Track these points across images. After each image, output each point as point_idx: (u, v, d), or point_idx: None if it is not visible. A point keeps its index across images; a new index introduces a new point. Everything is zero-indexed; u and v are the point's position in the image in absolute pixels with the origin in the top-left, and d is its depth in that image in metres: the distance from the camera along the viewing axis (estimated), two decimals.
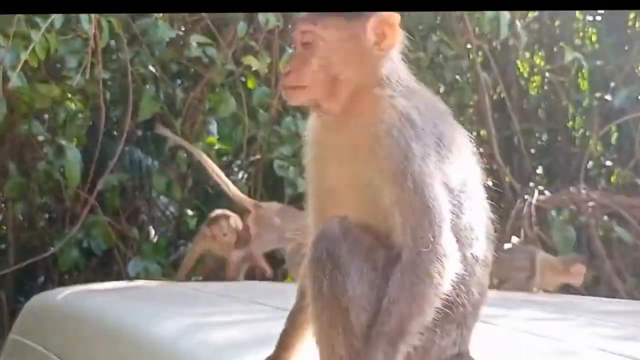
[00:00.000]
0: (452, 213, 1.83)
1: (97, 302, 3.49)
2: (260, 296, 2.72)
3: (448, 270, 1.78)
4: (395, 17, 1.93)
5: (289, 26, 5.60)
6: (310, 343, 1.88)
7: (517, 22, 6.44)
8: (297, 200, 4.67)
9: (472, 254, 1.87)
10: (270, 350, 1.99)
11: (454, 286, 1.81)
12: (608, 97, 7.53)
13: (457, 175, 1.87)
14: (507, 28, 6.14)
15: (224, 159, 7.54)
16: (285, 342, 1.98)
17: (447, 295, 1.80)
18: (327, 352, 1.79)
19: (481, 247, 1.90)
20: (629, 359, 2.20)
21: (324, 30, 1.90)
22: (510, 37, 6.51)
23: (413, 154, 1.80)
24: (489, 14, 5.89)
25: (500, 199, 7.86)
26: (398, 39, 1.95)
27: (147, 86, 5.70)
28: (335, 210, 1.88)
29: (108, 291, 3.86)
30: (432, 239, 1.77)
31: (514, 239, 6.36)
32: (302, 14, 1.96)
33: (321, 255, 1.77)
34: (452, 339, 1.86)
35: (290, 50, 5.62)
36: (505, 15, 6.04)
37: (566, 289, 6.40)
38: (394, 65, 1.95)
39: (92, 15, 5.03)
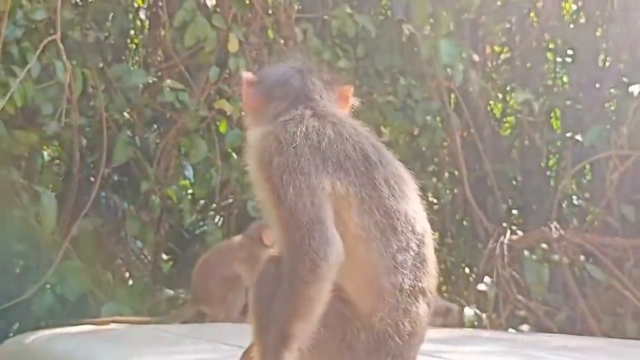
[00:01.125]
0: (363, 242, 1.91)
1: (66, 344, 3.55)
2: (227, 336, 2.78)
3: (321, 267, 1.81)
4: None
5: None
6: None
7: (472, 70, 6.55)
8: None
9: (392, 283, 1.92)
10: None
11: (378, 318, 1.88)
12: (579, 137, 7.61)
13: (356, 193, 1.97)
14: (462, 74, 6.24)
15: (201, 202, 7.62)
16: None
17: (372, 327, 1.88)
18: None
19: (405, 276, 1.93)
20: None
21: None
22: (467, 83, 6.61)
23: (273, 167, 1.94)
24: (445, 60, 6.02)
25: (475, 239, 7.97)
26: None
27: (122, 132, 5.75)
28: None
29: (78, 334, 3.90)
30: (299, 241, 1.84)
31: (487, 279, 6.42)
32: None
33: (261, 295, 1.88)
34: None
35: None
36: (459, 64, 6.17)
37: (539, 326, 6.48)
38: (267, 105, 2.21)
39: (67, 64, 5.11)
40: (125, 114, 5.87)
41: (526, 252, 6.56)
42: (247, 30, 5.89)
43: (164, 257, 7.42)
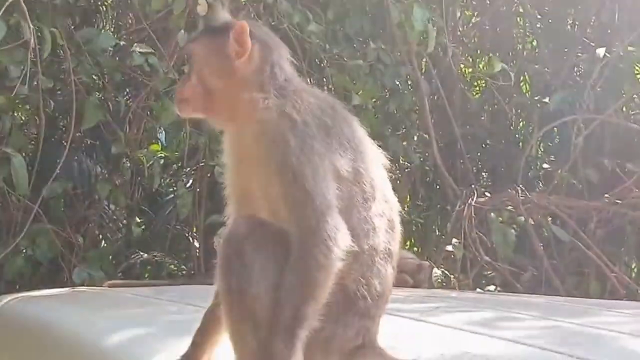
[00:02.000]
0: (343, 204, 1.93)
1: (35, 307, 3.59)
2: (192, 298, 2.84)
3: (335, 252, 1.87)
4: (243, 25, 2.05)
5: None
6: (223, 339, 2.01)
7: (445, 34, 6.59)
8: None
9: (369, 244, 1.98)
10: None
11: (352, 278, 1.93)
12: (546, 100, 7.71)
13: (348, 166, 1.98)
14: (434, 40, 6.28)
15: (174, 166, 7.65)
16: (198, 339, 2.08)
17: (345, 288, 1.92)
18: (240, 345, 1.90)
19: (380, 239, 2.00)
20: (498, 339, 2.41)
21: (197, 47, 2.09)
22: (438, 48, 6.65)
23: (290, 147, 1.92)
24: (418, 26, 6.04)
25: (444, 201, 8.09)
26: (249, 44, 2.05)
27: (92, 95, 5.74)
28: (247, 211, 2.02)
29: (47, 297, 3.95)
30: (314, 224, 1.87)
31: (454, 241, 6.53)
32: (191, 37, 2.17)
33: (229, 254, 1.88)
34: (355, 330, 1.96)
35: None
36: (432, 29, 6.20)
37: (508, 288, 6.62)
38: (268, 69, 2.07)
39: (35, 25, 5.07)
40: (94, 77, 5.84)
41: (492, 215, 6.65)
42: None
43: (137, 220, 7.46)
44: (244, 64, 2.04)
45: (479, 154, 9.20)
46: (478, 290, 6.45)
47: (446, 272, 6.51)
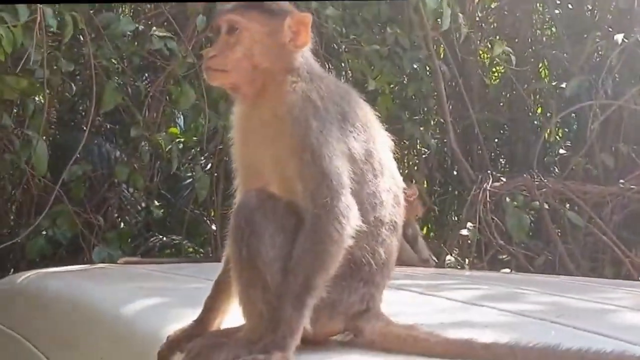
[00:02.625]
0: (354, 181, 2.04)
1: (57, 282, 3.71)
2: (212, 273, 2.96)
3: (347, 229, 1.98)
4: (307, 17, 2.16)
5: None
6: (233, 304, 2.11)
7: (460, 15, 6.60)
8: None
9: (375, 217, 2.08)
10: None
11: (358, 246, 2.03)
12: (563, 86, 7.71)
13: (361, 147, 2.09)
14: (449, 19, 6.29)
15: (192, 151, 7.75)
16: (209, 305, 2.19)
17: (352, 255, 2.02)
18: (249, 309, 2.00)
19: (386, 211, 2.11)
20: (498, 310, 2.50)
21: (249, 23, 2.12)
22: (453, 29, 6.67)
23: (312, 129, 2.02)
24: (431, 3, 6.06)
25: (460, 186, 8.13)
26: (309, 37, 2.16)
27: (111, 79, 5.83)
28: (257, 184, 2.11)
29: (68, 272, 4.07)
30: (329, 202, 1.97)
31: (469, 225, 6.58)
32: (229, 4, 2.16)
33: (240, 223, 1.99)
34: (360, 295, 2.06)
35: None
36: (447, 8, 6.22)
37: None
38: (303, 56, 2.17)
39: (56, 9, 5.15)
40: (113, 61, 5.92)
41: (507, 199, 6.68)
42: None
43: (156, 203, 7.57)
44: (293, 51, 2.15)
45: (496, 139, 9.24)
46: None
47: (458, 257, 6.59)
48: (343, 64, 6.88)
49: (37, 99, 6.16)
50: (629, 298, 3.03)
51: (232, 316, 2.15)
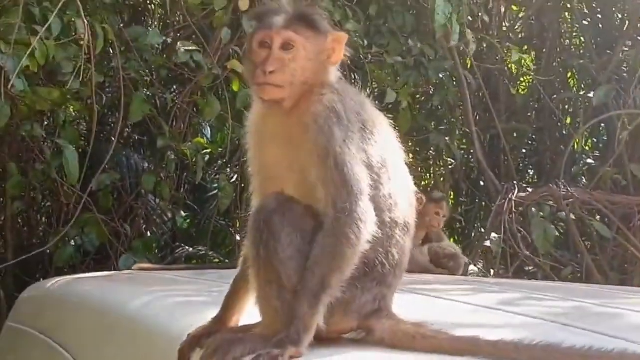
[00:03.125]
0: (371, 186, 2.13)
1: (86, 286, 3.82)
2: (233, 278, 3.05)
3: (364, 233, 2.07)
4: (344, 36, 2.28)
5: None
6: (250, 304, 2.21)
7: (467, 30, 6.63)
8: None
9: (390, 217, 2.17)
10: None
11: (373, 248, 2.10)
12: (591, 95, 7.68)
13: (378, 154, 2.19)
14: (458, 34, 6.31)
15: (219, 162, 7.84)
16: (227, 303, 2.30)
17: (366, 256, 2.10)
18: (265, 305, 2.10)
19: (400, 213, 2.20)
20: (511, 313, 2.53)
21: (306, 42, 2.21)
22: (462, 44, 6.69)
23: (335, 138, 2.11)
24: (440, 19, 6.09)
25: (487, 197, 8.11)
26: (342, 54, 2.27)
27: (139, 90, 5.93)
28: (274, 188, 2.18)
29: (95, 278, 4.18)
30: (349, 207, 2.06)
31: (493, 236, 6.56)
32: (279, 19, 2.22)
33: (259, 224, 2.08)
34: (372, 295, 2.14)
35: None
36: (456, 24, 6.24)
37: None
38: (332, 71, 2.27)
39: (86, 22, 5.27)
40: (142, 73, 6.01)
41: (533, 210, 6.65)
42: None
43: (183, 214, 7.65)
44: (328, 66, 2.25)
45: (524, 150, 9.22)
46: None
47: (483, 268, 6.56)
48: (366, 76, 6.91)
49: (68, 109, 6.26)
50: (635, 301, 3.03)
51: (250, 314, 2.24)
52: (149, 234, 6.92)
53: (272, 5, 2.27)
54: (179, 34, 6.85)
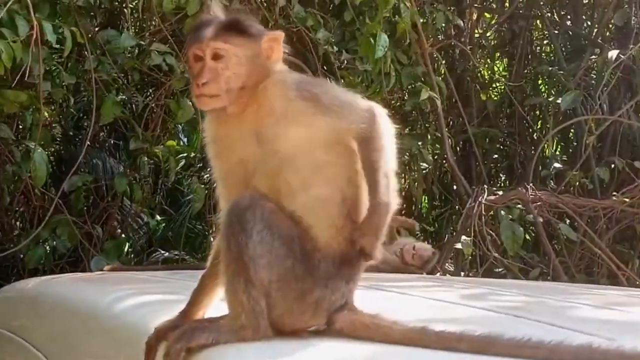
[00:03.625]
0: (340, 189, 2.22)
1: (57, 287, 3.86)
2: None
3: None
4: (280, 35, 2.35)
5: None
6: (216, 301, 2.28)
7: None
8: None
9: (353, 220, 2.22)
10: None
11: (341, 246, 2.18)
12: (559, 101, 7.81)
13: None
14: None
15: (195, 165, 7.86)
16: (194, 298, 2.34)
17: (337, 253, 2.17)
18: (232, 298, 2.14)
19: (361, 213, 2.23)
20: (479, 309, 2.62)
21: (235, 49, 2.26)
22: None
23: (313, 92, 2.21)
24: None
25: (457, 199, 8.22)
26: (282, 52, 2.35)
27: (110, 93, 5.96)
28: (242, 190, 2.22)
29: (67, 279, 4.23)
30: (371, 123, 2.20)
31: (464, 238, 6.65)
32: (207, 31, 2.27)
33: (232, 220, 2.13)
34: (341, 292, 2.20)
35: None
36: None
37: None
38: (278, 67, 2.35)
39: (57, 24, 5.28)
40: (115, 75, 6.03)
41: (502, 212, 6.76)
42: None
43: (158, 218, 7.69)
44: (270, 65, 2.31)
45: (495, 155, 9.35)
46: None
47: (454, 269, 6.65)
48: (342, 81, 6.97)
49: (36, 111, 6.25)
50: (595, 297, 3.13)
51: (217, 308, 2.28)
52: (122, 236, 6.95)
53: (207, 18, 2.33)
54: (154, 38, 6.88)
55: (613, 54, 7.33)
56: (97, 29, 6.55)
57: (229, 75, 2.24)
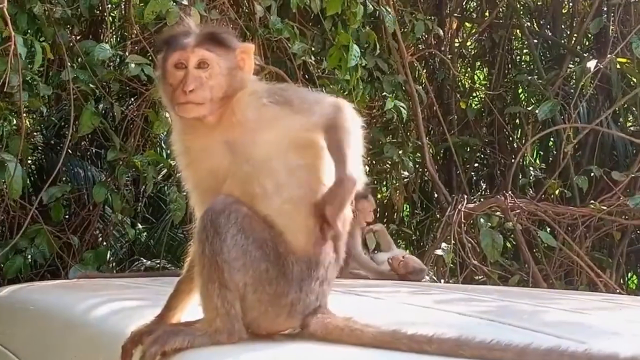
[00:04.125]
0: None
1: (34, 295, 3.86)
2: None
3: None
4: (251, 47, 2.40)
5: None
6: (193, 305, 2.29)
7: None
8: None
9: None
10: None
11: (314, 249, 2.21)
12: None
13: None
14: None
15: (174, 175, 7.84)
16: (170, 302, 2.36)
17: (309, 257, 2.20)
18: (206, 302, 2.16)
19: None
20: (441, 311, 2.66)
21: (218, 59, 2.30)
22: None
23: (283, 95, 2.27)
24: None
25: (438, 207, 8.26)
26: (253, 63, 2.39)
27: (89, 103, 5.96)
28: (215, 196, 2.24)
29: (45, 286, 4.21)
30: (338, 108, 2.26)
31: (444, 245, 6.68)
32: (189, 39, 2.29)
33: (206, 224, 2.14)
34: (315, 295, 2.22)
35: None
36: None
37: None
38: (254, 76, 2.40)
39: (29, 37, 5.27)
40: (92, 85, 6.01)
41: (482, 220, 6.80)
42: (211, 6, 6.12)
43: (140, 226, 7.66)
44: (244, 75, 2.35)
45: (476, 163, 9.42)
46: None
47: (434, 277, 6.67)
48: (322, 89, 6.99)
49: (11, 121, 6.23)
50: (568, 302, 3.16)
51: (191, 312, 2.30)
52: (104, 244, 6.94)
53: (180, 28, 2.35)
54: (135, 47, 6.88)
55: (592, 63, 7.39)
56: (78, 38, 6.54)
57: (212, 84, 2.27)
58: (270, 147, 2.22)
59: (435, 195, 8.75)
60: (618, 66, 7.71)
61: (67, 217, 6.80)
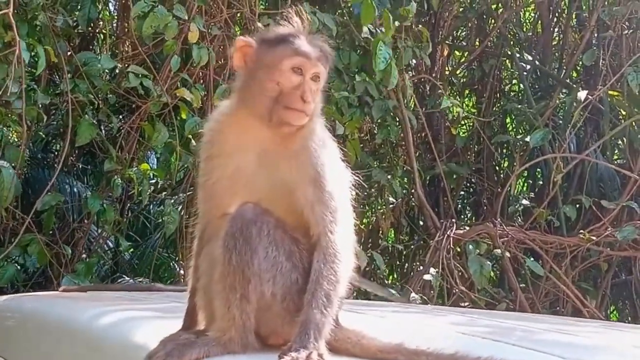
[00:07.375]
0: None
1: (27, 304, 3.84)
2: (179, 297, 3.14)
3: (352, 253, 2.26)
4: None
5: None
6: None
7: (405, 74, 6.86)
8: None
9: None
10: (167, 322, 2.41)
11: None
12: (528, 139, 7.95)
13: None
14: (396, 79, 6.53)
15: (165, 191, 7.87)
16: (193, 316, 2.38)
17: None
18: (223, 310, 2.16)
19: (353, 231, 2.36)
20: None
21: (324, 75, 2.34)
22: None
23: (324, 163, 2.27)
24: (380, 65, 6.31)
25: (425, 232, 8.30)
26: None
27: (87, 114, 5.97)
28: (236, 199, 2.26)
29: (41, 296, 4.20)
30: (341, 232, 2.24)
31: (432, 270, 6.72)
32: (315, 52, 2.30)
33: (234, 232, 2.15)
34: None
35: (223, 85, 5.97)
36: (394, 67, 6.45)
37: None
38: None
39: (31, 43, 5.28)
40: (90, 95, 6.01)
41: (470, 246, 6.84)
42: (210, 22, 6.17)
43: (127, 243, 7.63)
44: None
45: (463, 191, 9.48)
46: None
47: (423, 300, 6.70)
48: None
49: (7, 130, 6.20)
50: (552, 324, 3.25)
51: None
52: (91, 255, 6.93)
53: (291, 28, 2.35)
54: (130, 61, 6.90)
55: (582, 94, 7.49)
56: (72, 51, 6.56)
57: (317, 99, 2.30)
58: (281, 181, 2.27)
59: (422, 221, 8.80)
60: (609, 99, 7.81)
61: (56, 228, 6.76)
